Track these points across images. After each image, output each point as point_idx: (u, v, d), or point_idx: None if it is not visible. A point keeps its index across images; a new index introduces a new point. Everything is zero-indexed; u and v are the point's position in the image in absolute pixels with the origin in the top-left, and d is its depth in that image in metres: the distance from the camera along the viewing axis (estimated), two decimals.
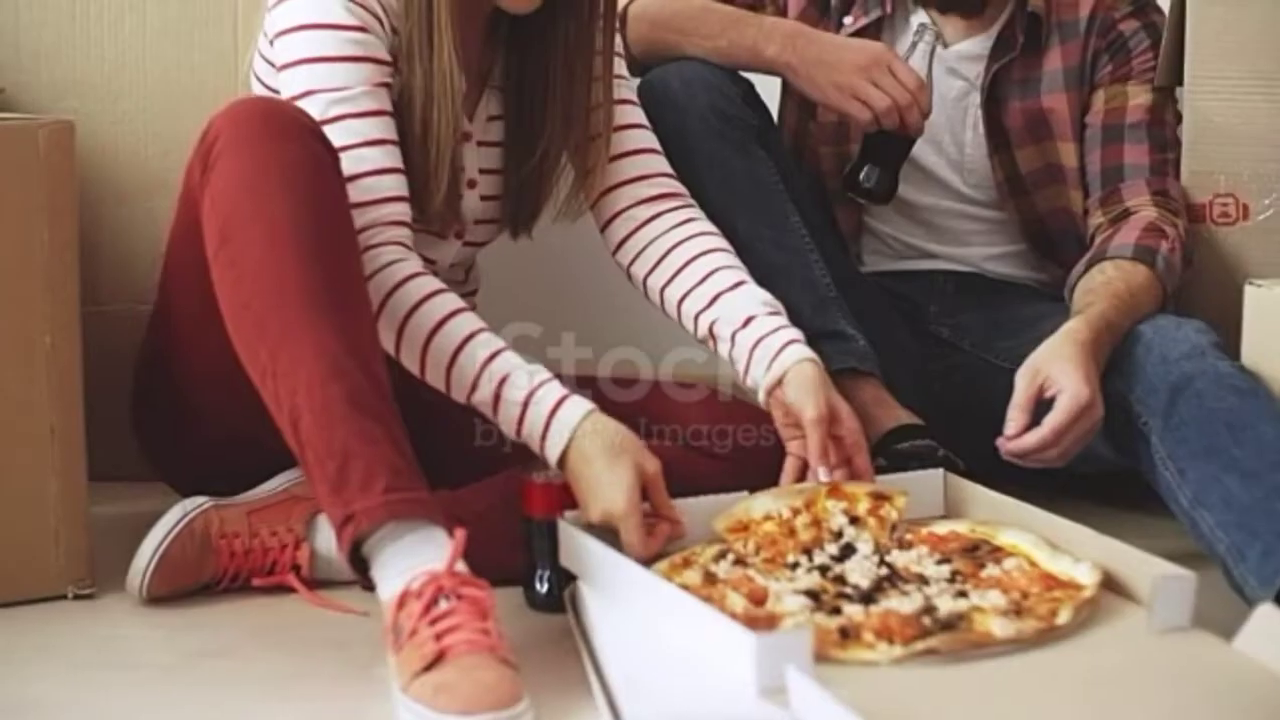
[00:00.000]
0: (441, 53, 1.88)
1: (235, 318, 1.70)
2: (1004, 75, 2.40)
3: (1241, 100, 2.28)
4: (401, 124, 1.90)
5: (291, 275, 1.67)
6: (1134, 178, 2.31)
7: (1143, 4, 2.39)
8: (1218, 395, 1.94)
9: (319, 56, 1.86)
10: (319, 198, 1.73)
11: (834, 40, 2.32)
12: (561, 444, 1.78)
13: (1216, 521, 1.84)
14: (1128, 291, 2.11)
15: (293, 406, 1.64)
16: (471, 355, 1.81)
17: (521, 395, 1.80)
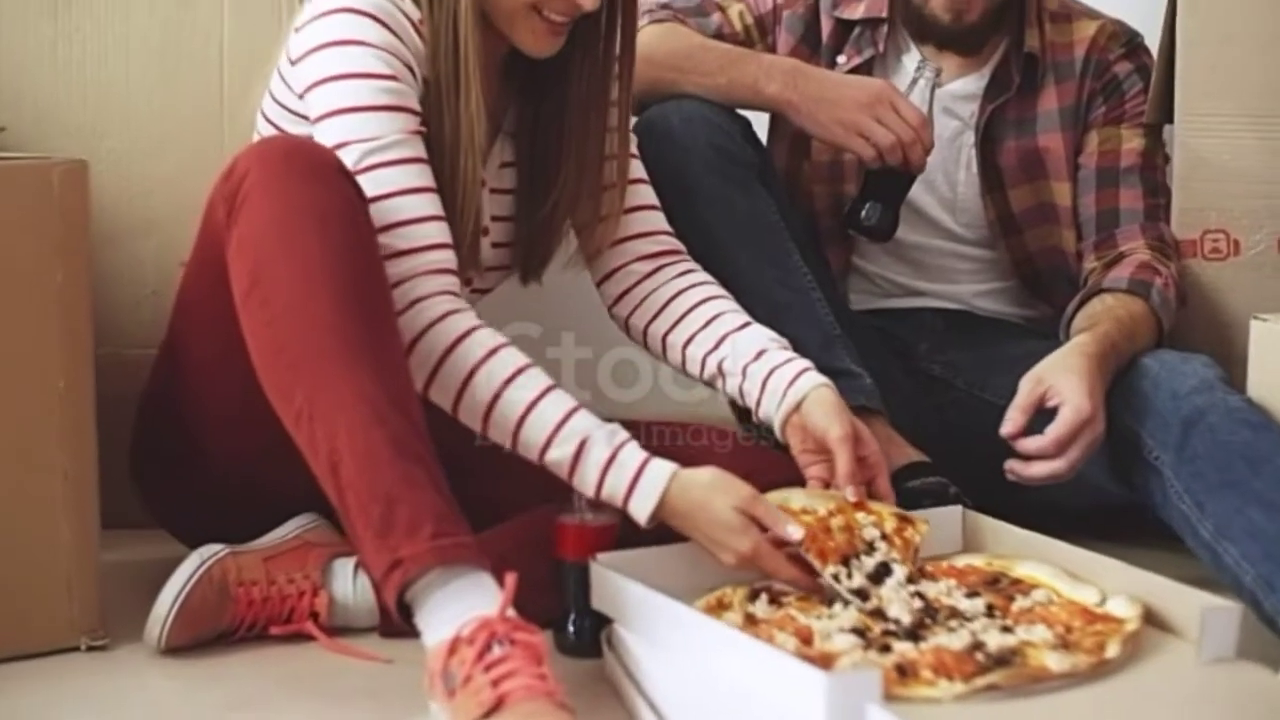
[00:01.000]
0: (469, 98, 1.86)
1: (268, 360, 1.67)
2: (999, 114, 2.41)
3: (1232, 137, 2.31)
4: None
5: (328, 317, 1.64)
6: (1129, 223, 2.33)
7: (1134, 46, 2.42)
8: (1231, 429, 1.95)
9: (353, 106, 1.81)
10: (352, 238, 1.70)
11: (835, 77, 2.33)
12: (649, 506, 1.75)
13: (1242, 553, 1.85)
14: (1129, 318, 2.14)
15: (332, 450, 1.61)
16: (544, 415, 1.76)
17: (603, 456, 1.76)
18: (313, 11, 1.86)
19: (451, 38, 1.86)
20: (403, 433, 1.62)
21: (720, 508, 1.74)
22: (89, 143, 2.26)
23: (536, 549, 1.82)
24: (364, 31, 1.83)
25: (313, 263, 1.66)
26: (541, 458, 1.77)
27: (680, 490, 1.75)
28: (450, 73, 1.86)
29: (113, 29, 2.30)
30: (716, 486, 1.76)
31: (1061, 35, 2.43)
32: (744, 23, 2.47)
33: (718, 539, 1.75)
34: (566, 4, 1.89)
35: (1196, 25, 2.32)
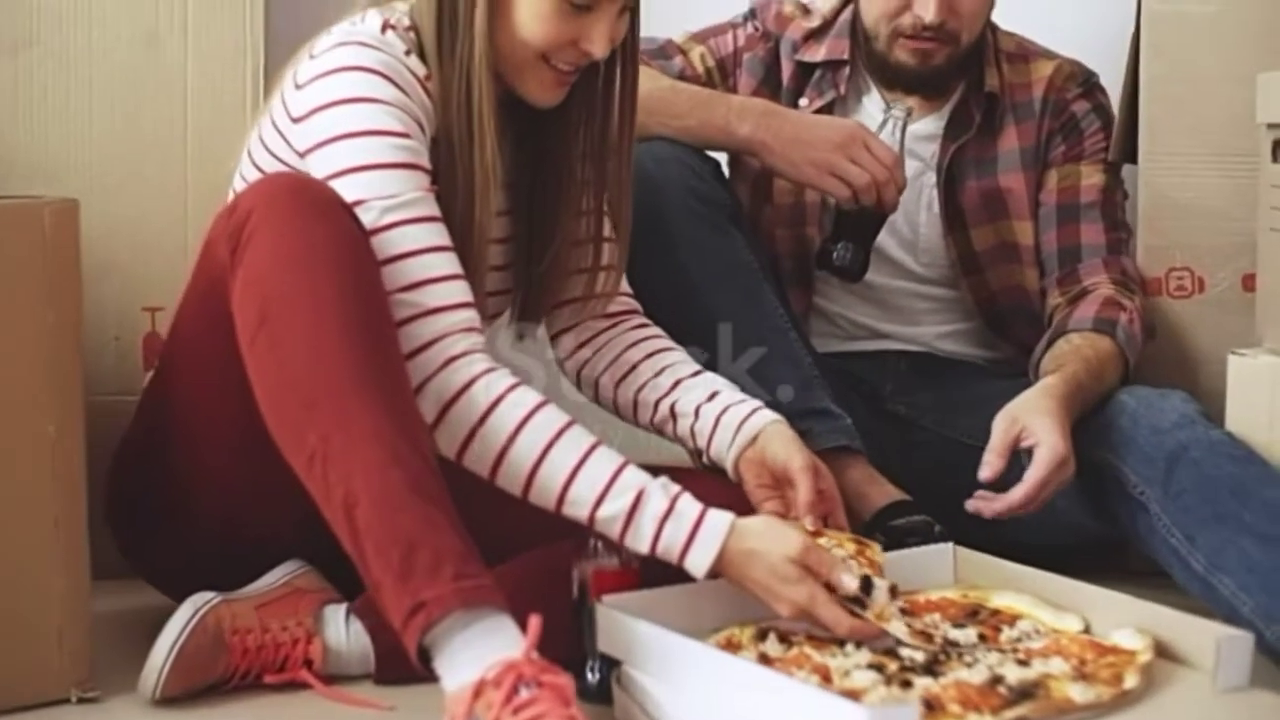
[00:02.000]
0: (484, 149, 1.84)
1: (277, 400, 1.64)
2: (959, 154, 2.43)
3: (1197, 176, 2.34)
4: None
5: (341, 356, 1.62)
6: (1091, 258, 2.35)
7: (1091, 85, 2.45)
8: (1215, 463, 1.98)
9: (370, 164, 1.78)
10: (361, 277, 1.68)
11: (807, 118, 2.33)
12: (709, 556, 1.72)
13: (1238, 585, 1.86)
14: (1096, 358, 2.16)
15: (348, 492, 1.58)
16: (595, 471, 1.73)
17: (662, 508, 1.72)
18: (318, 69, 1.83)
19: (465, 88, 1.84)
20: (420, 474, 1.60)
21: (777, 559, 1.71)
22: (50, 183, 2.21)
23: (540, 589, 1.78)
24: (376, 89, 1.80)
25: (324, 301, 1.64)
26: (593, 514, 1.72)
27: (738, 539, 1.72)
28: (464, 124, 1.84)
29: (75, 69, 2.26)
30: (772, 535, 1.74)
31: (1019, 76, 2.45)
32: (705, 65, 2.48)
33: (774, 590, 1.71)
34: (577, 53, 1.87)
35: (1160, 65, 2.36)
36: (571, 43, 1.86)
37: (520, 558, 1.86)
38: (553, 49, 1.86)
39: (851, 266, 2.29)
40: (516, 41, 1.85)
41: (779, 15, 2.50)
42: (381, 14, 1.87)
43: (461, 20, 1.84)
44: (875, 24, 2.37)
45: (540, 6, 1.83)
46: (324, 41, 1.85)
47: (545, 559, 1.84)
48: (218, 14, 2.28)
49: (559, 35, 1.85)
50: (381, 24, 1.85)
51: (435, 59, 1.85)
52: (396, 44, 1.84)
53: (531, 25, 1.84)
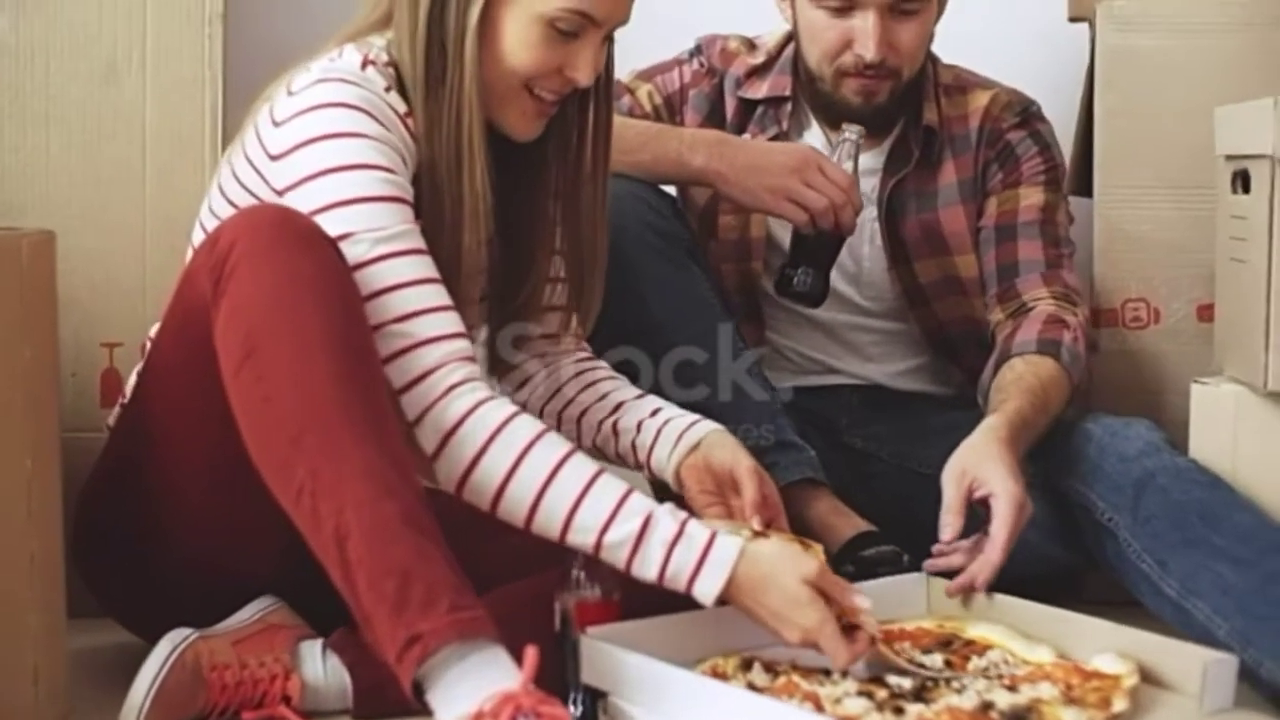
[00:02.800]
0: (474, 174, 1.83)
1: (264, 434, 1.63)
2: (900, 188, 2.43)
3: (1150, 208, 2.38)
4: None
5: (329, 388, 1.61)
6: (1029, 272, 2.33)
7: (1028, 114, 2.43)
8: (1183, 488, 1.99)
9: (358, 197, 1.76)
10: (347, 309, 1.67)
11: (760, 145, 2.35)
12: (720, 581, 1.70)
13: (1213, 609, 1.88)
14: (1039, 386, 2.14)
15: (339, 525, 1.57)
16: (602, 496, 1.72)
17: (671, 532, 1.71)
18: (298, 105, 1.81)
19: (454, 116, 1.83)
20: (411, 506, 1.59)
21: (790, 582, 1.70)
22: (7, 218, 2.18)
23: (523, 622, 1.76)
24: (359, 124, 1.79)
25: (311, 333, 1.63)
26: (599, 540, 1.71)
27: (750, 564, 1.71)
28: (452, 152, 1.84)
29: (33, 104, 2.24)
30: (784, 558, 1.73)
31: (956, 108, 2.45)
32: (653, 103, 2.48)
33: (785, 615, 1.70)
34: (561, 80, 1.88)
35: (1114, 99, 2.40)
36: (557, 70, 1.87)
37: (501, 590, 1.84)
38: (538, 76, 1.86)
39: (812, 291, 2.29)
40: (502, 70, 1.85)
41: (724, 51, 2.51)
42: (360, 50, 1.86)
43: (451, 49, 1.84)
44: (818, 64, 2.37)
45: (528, 33, 1.84)
46: (303, 78, 1.84)
47: (527, 591, 1.83)
48: (176, 49, 2.26)
49: (545, 62, 1.85)
50: (361, 60, 1.85)
51: (421, 89, 1.84)
52: (377, 80, 1.84)
53: (519, 52, 1.84)
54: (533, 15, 1.84)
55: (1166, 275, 2.38)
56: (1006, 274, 2.35)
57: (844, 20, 2.30)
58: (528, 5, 1.84)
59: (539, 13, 1.84)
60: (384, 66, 1.86)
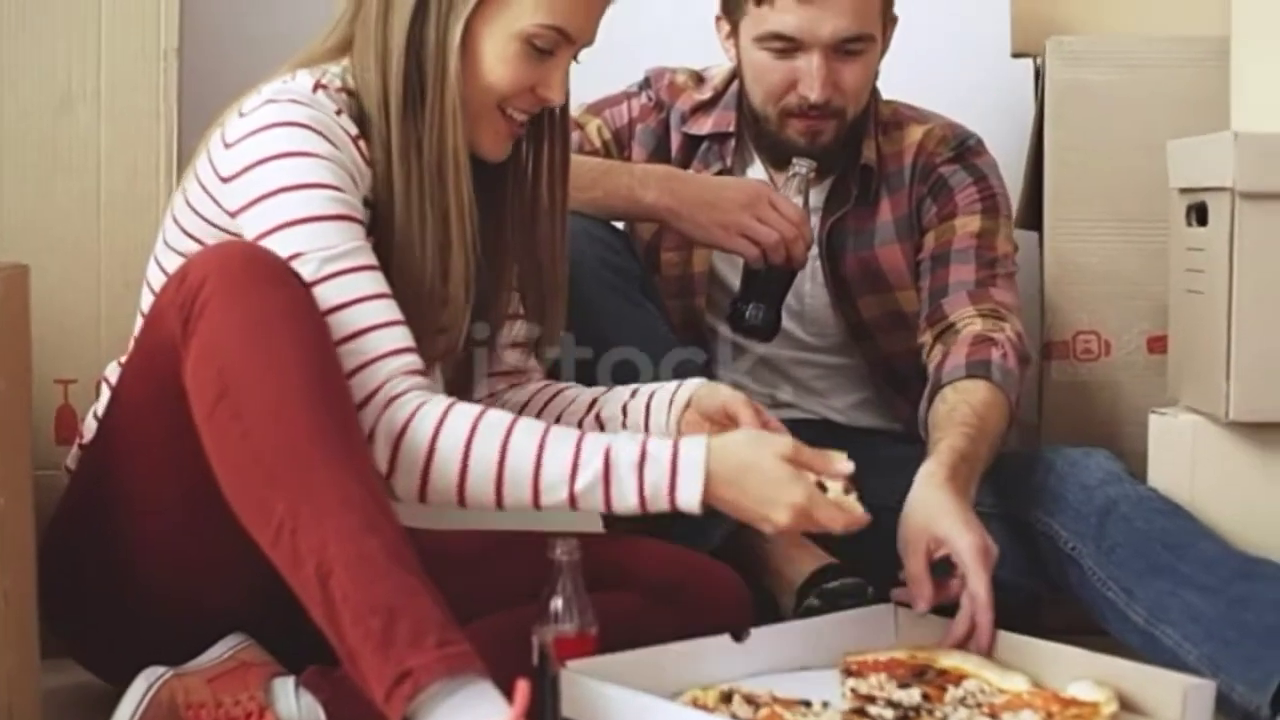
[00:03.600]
0: (461, 191, 1.85)
1: (241, 473, 1.61)
2: (840, 226, 2.44)
3: (1100, 241, 2.41)
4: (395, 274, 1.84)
5: (306, 424, 1.60)
6: (956, 292, 2.33)
7: (964, 149, 2.43)
8: (1146, 517, 2.01)
9: (306, 217, 1.76)
10: (320, 344, 1.67)
11: (710, 180, 2.35)
12: (698, 484, 1.72)
13: (1182, 635, 1.89)
14: (973, 414, 2.12)
15: (321, 562, 1.55)
16: (558, 447, 1.73)
17: (634, 456, 1.72)
18: (248, 126, 1.81)
19: (438, 134, 1.84)
20: (394, 540, 1.58)
21: (767, 463, 1.73)
22: None
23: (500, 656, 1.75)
24: (308, 143, 1.79)
25: (286, 369, 1.62)
26: (572, 492, 1.73)
27: (721, 457, 1.73)
28: (434, 171, 1.85)
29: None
30: (757, 443, 1.75)
31: (892, 144, 2.45)
32: (602, 138, 2.48)
33: (770, 497, 1.72)
34: (533, 99, 1.89)
35: (1063, 132, 2.43)
36: (530, 89, 1.88)
37: (475, 624, 1.83)
38: (513, 94, 1.88)
39: (764, 326, 2.29)
40: (478, 88, 1.87)
41: (671, 85, 2.52)
42: (312, 75, 1.86)
43: (431, 67, 1.84)
44: (762, 105, 2.37)
45: (506, 50, 1.85)
46: (253, 99, 1.84)
47: (502, 626, 1.82)
48: (131, 81, 2.24)
49: (521, 81, 1.87)
50: (313, 84, 1.85)
51: (398, 109, 1.84)
52: (327, 103, 1.84)
53: (497, 69, 1.86)
54: (511, 33, 1.85)
55: (1117, 308, 2.41)
56: (936, 296, 2.35)
57: (788, 61, 2.31)
58: (506, 23, 1.85)
59: (517, 30, 1.85)
60: (336, 92, 1.86)
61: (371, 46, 1.86)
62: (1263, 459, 2.02)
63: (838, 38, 2.27)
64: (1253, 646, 1.84)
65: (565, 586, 1.76)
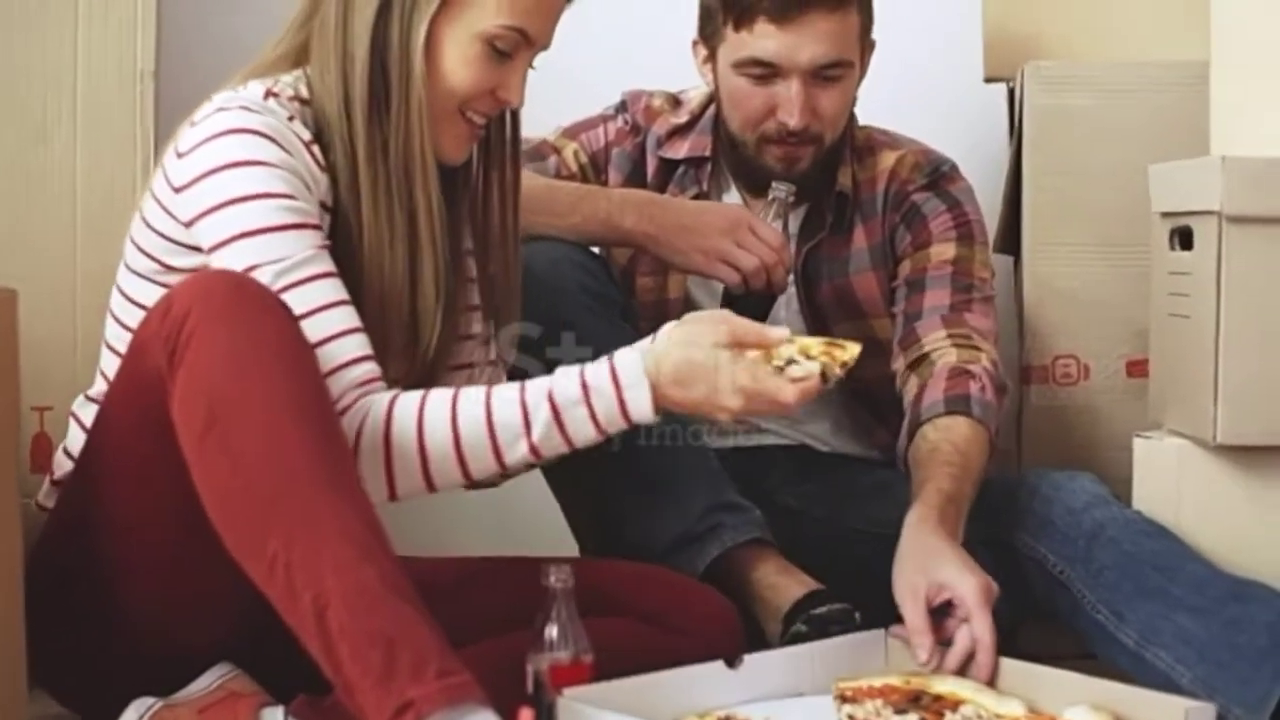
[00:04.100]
0: (429, 190, 1.85)
1: (231, 504, 1.59)
2: (814, 254, 2.42)
3: (1079, 265, 2.42)
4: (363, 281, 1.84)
5: (299, 455, 1.58)
6: (930, 316, 2.31)
7: (937, 176, 2.41)
8: (1134, 540, 2.02)
9: (260, 228, 1.76)
10: (308, 372, 1.65)
11: (689, 205, 2.34)
12: (645, 396, 1.75)
13: (1175, 658, 1.90)
14: (955, 452, 2.11)
15: (318, 595, 1.53)
16: (504, 411, 1.75)
17: (577, 391, 1.75)
18: (200, 135, 1.80)
19: (404, 135, 1.84)
20: (391, 570, 1.56)
21: (705, 355, 1.75)
22: None
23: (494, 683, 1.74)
24: (260, 151, 1.78)
25: (276, 399, 1.60)
26: (531, 446, 1.75)
27: (660, 362, 1.75)
28: (401, 173, 1.85)
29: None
30: (688, 339, 1.76)
31: (866, 171, 2.44)
32: (579, 162, 2.47)
33: (716, 386, 1.74)
34: (492, 102, 1.90)
35: (1042, 158, 2.44)
36: (490, 91, 1.89)
37: (468, 651, 1.81)
38: (474, 96, 1.88)
39: None
40: (441, 89, 1.87)
41: (648, 109, 2.50)
42: (263, 83, 1.86)
43: (395, 69, 1.85)
44: (740, 130, 2.36)
45: (467, 51, 1.86)
46: (204, 109, 1.84)
47: (496, 653, 1.80)
48: (107, 109, 2.23)
49: (482, 82, 1.87)
50: (264, 91, 1.84)
51: (363, 113, 1.84)
52: (279, 110, 1.83)
53: (459, 71, 1.86)
54: (473, 34, 1.86)
55: (1096, 332, 2.42)
56: (910, 320, 2.34)
57: (767, 87, 2.30)
58: (468, 24, 1.85)
59: (479, 31, 1.86)
60: (288, 100, 1.85)
61: (331, 51, 1.87)
62: (1249, 482, 2.02)
63: (817, 64, 2.26)
64: (1247, 669, 1.84)
65: (560, 613, 1.75)
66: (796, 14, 2.23)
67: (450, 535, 2.49)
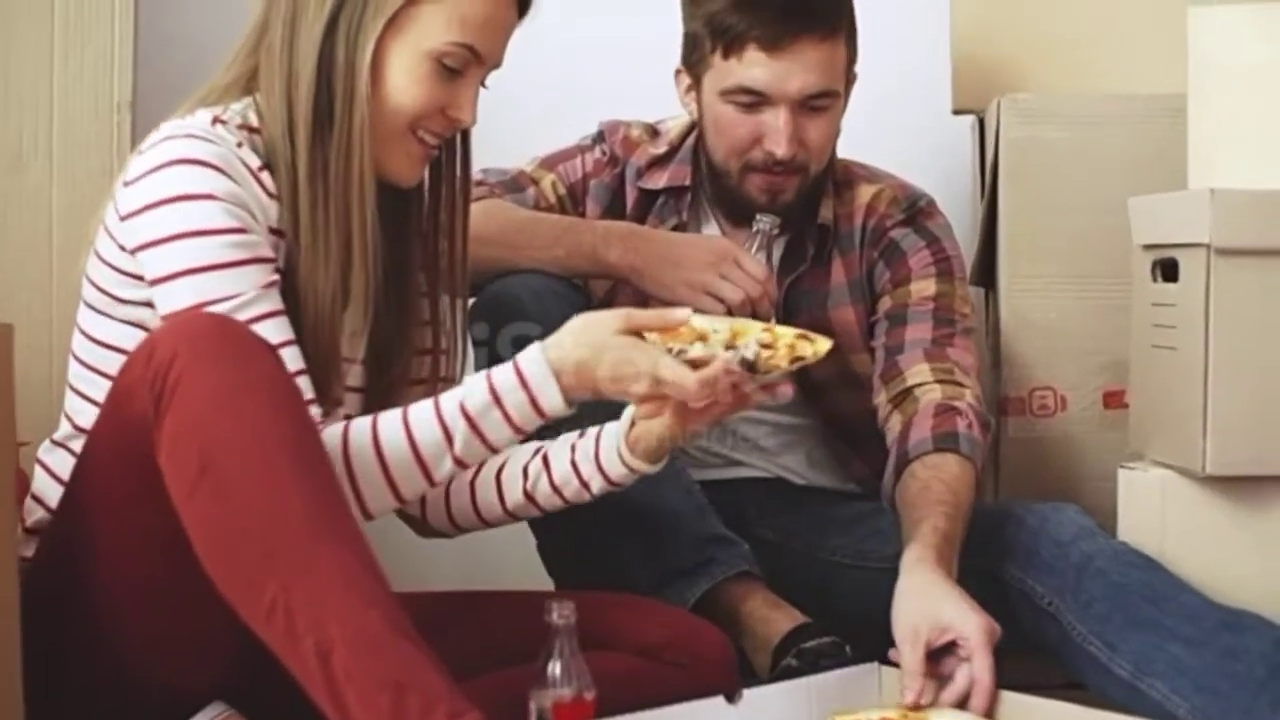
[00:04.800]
0: (364, 212, 1.84)
1: (226, 551, 1.56)
2: (795, 286, 2.42)
3: (1055, 298, 2.43)
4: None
5: (295, 499, 1.56)
6: (912, 349, 2.31)
7: (915, 211, 2.42)
8: (1122, 571, 2.02)
9: (205, 265, 1.74)
10: (299, 414, 1.63)
11: (673, 237, 2.33)
12: (553, 389, 1.76)
13: (1171, 689, 1.90)
14: (947, 491, 2.11)
15: (320, 640, 1.50)
16: (423, 427, 1.76)
17: (487, 397, 1.75)
18: (146, 164, 1.78)
19: (345, 155, 1.83)
20: (394, 612, 1.54)
21: (604, 341, 1.76)
22: None
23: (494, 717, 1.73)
24: (208, 183, 1.76)
25: (269, 443, 1.58)
26: (454, 456, 1.77)
27: (561, 357, 1.76)
28: (340, 193, 1.83)
29: None
30: (590, 328, 1.78)
31: (844, 205, 2.43)
32: (557, 193, 2.45)
33: (620, 372, 1.75)
34: (444, 121, 1.88)
35: (1018, 190, 2.45)
36: (440, 111, 1.87)
37: (471, 685, 1.79)
38: (423, 115, 1.87)
39: None
40: (389, 109, 1.85)
41: (626, 140, 2.49)
42: (211, 111, 1.84)
43: (340, 88, 1.83)
44: (724, 159, 2.35)
45: (415, 69, 1.84)
46: (152, 137, 1.82)
47: (498, 687, 1.78)
48: (83, 137, 2.23)
49: (431, 101, 1.86)
50: (211, 119, 1.82)
51: (306, 133, 1.82)
52: (227, 137, 1.81)
53: (410, 90, 1.85)
54: (421, 52, 1.84)
55: (1072, 363, 2.44)
56: (891, 353, 2.34)
57: (754, 116, 2.29)
58: (416, 41, 1.84)
59: (428, 49, 1.84)
60: (236, 128, 1.84)
61: (277, 73, 1.85)
62: (1235, 512, 2.04)
63: (806, 93, 2.26)
64: (1246, 699, 1.85)
65: (563, 650, 1.73)
66: (788, 43, 2.23)
67: (420, 566, 2.46)
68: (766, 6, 2.24)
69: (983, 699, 1.85)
